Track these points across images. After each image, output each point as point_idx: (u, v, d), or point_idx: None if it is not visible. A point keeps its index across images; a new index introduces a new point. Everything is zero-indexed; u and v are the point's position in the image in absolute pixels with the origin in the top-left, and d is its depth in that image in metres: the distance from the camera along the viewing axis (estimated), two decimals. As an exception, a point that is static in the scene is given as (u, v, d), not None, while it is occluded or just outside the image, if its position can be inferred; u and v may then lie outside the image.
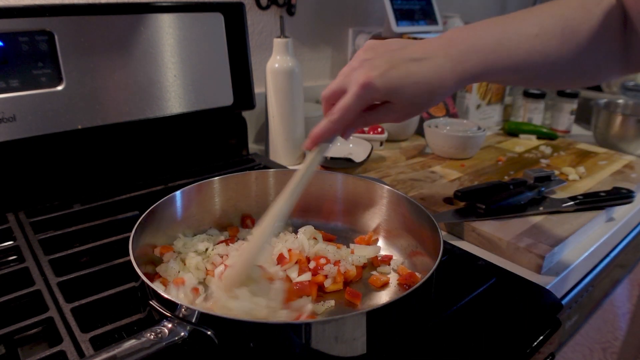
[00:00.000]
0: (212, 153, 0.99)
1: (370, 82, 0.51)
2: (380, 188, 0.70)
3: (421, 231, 0.63)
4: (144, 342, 0.42)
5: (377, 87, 0.51)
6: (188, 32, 0.87)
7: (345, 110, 0.53)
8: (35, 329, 0.52)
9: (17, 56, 0.71)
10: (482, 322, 0.56)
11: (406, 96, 0.53)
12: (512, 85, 0.63)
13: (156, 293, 0.46)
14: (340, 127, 0.55)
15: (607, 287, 1.05)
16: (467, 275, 0.64)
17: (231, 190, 0.73)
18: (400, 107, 0.54)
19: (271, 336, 0.44)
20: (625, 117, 1.21)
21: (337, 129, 0.55)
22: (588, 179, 0.99)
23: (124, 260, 0.62)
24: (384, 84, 0.51)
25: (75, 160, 0.82)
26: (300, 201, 0.75)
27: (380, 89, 0.52)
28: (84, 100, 0.78)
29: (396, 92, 0.52)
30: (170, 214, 0.66)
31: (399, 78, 0.52)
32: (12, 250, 0.66)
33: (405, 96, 0.53)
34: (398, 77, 0.52)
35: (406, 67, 0.52)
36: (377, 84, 0.51)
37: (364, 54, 0.54)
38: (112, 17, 0.79)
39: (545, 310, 0.58)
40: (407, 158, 1.09)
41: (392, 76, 0.51)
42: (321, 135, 0.56)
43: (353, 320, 0.44)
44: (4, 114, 0.71)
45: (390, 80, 0.51)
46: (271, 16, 1.16)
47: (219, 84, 0.93)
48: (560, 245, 0.72)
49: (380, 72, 0.51)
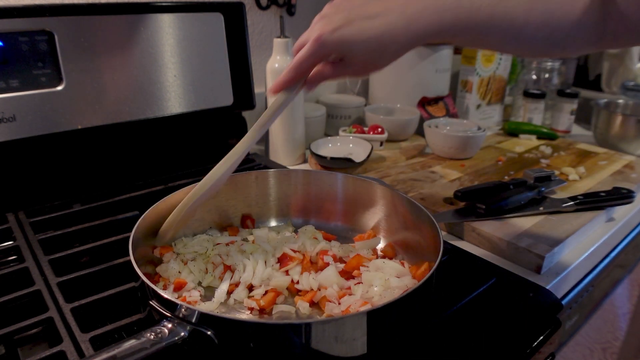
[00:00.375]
0: (212, 153, 0.99)
1: (321, 38, 0.53)
2: (380, 188, 0.70)
3: (421, 231, 0.63)
4: (144, 342, 0.42)
5: (327, 43, 0.53)
6: (188, 32, 0.87)
7: (300, 62, 0.56)
8: (35, 329, 0.52)
9: (17, 56, 0.71)
10: (482, 322, 0.56)
11: (358, 53, 0.54)
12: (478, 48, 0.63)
13: (156, 293, 0.46)
14: (296, 76, 0.57)
15: (607, 287, 1.05)
16: (467, 275, 0.64)
17: (231, 190, 0.73)
18: (354, 63, 0.56)
19: (271, 336, 0.44)
20: (625, 117, 1.21)
21: (294, 77, 0.57)
22: (588, 179, 0.99)
23: (124, 260, 0.62)
24: (335, 40, 0.53)
25: (75, 160, 0.82)
26: (300, 201, 0.75)
27: (330, 44, 0.53)
28: (84, 100, 0.78)
29: (347, 48, 0.54)
30: (170, 214, 0.66)
31: (351, 35, 0.53)
32: (12, 250, 0.66)
33: (356, 53, 0.54)
34: (350, 34, 0.53)
35: (359, 24, 0.53)
36: (328, 40, 0.53)
37: (328, 8, 0.56)
38: (112, 17, 0.79)
39: (545, 310, 0.58)
40: (407, 158, 1.09)
41: (344, 33, 0.53)
42: (279, 83, 0.58)
43: (353, 320, 0.44)
44: (4, 114, 0.71)
45: (342, 36, 0.53)
46: (271, 16, 1.16)
47: (219, 84, 0.93)
48: (560, 245, 0.72)
49: (333, 27, 0.53)
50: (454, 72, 1.37)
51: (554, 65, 1.40)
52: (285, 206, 0.76)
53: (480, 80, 1.30)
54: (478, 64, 1.28)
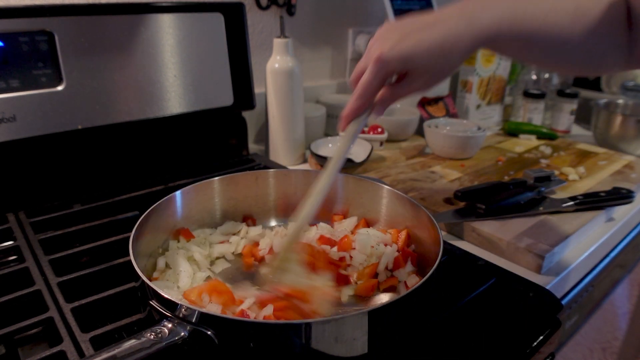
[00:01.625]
0: (212, 153, 0.99)
1: (381, 56, 0.53)
2: (380, 188, 0.70)
3: (421, 231, 0.63)
4: (144, 342, 0.42)
5: (389, 59, 0.53)
6: (188, 32, 0.87)
7: (365, 86, 0.56)
8: (35, 329, 0.52)
9: (17, 56, 0.71)
10: (482, 322, 0.56)
11: (421, 63, 0.54)
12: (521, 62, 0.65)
13: (156, 293, 0.46)
14: (364, 103, 0.57)
15: (607, 287, 1.05)
16: (467, 275, 0.64)
17: (231, 190, 0.73)
18: (419, 75, 0.56)
19: (271, 336, 0.44)
20: (625, 117, 1.21)
21: (362, 104, 0.58)
22: (588, 179, 0.99)
23: (124, 260, 0.62)
24: (396, 55, 0.53)
25: (75, 161, 0.82)
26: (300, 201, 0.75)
27: (392, 60, 0.53)
28: (84, 100, 0.78)
29: (410, 60, 0.53)
30: (170, 214, 0.66)
31: (412, 47, 0.53)
32: (12, 250, 0.66)
33: (420, 63, 0.54)
34: (410, 46, 0.53)
35: (418, 35, 0.53)
36: (388, 57, 0.53)
37: (380, 33, 0.56)
38: (112, 17, 0.79)
39: (545, 310, 0.58)
40: (407, 158, 1.09)
41: (404, 46, 0.53)
42: (349, 113, 0.59)
43: (353, 320, 0.44)
44: (4, 114, 0.71)
45: (402, 50, 0.53)
46: (271, 16, 1.16)
47: (219, 84, 0.93)
48: (560, 245, 0.72)
49: (391, 44, 0.53)
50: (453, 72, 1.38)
51: (554, 65, 1.40)
52: (285, 206, 0.76)
53: (480, 80, 1.30)
54: (478, 64, 1.28)
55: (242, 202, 0.74)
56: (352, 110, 0.58)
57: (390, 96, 0.58)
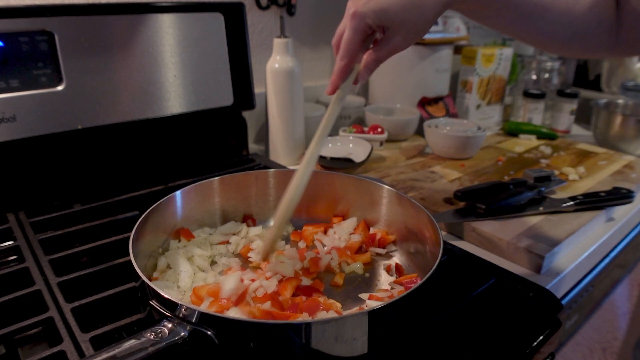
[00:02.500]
0: (212, 153, 0.99)
1: (356, 10, 0.54)
2: (380, 188, 0.70)
3: (421, 231, 0.63)
4: (144, 342, 0.42)
5: (364, 12, 0.53)
6: (188, 32, 0.87)
7: (346, 43, 0.56)
8: (35, 329, 0.52)
9: (17, 56, 0.71)
10: (482, 322, 0.56)
11: (396, 16, 0.54)
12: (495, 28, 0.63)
13: (156, 293, 0.46)
14: (349, 61, 0.57)
15: (607, 287, 1.05)
16: (467, 275, 0.64)
17: (231, 190, 0.73)
18: (396, 31, 0.55)
19: (271, 336, 0.44)
20: (625, 117, 1.21)
21: (346, 63, 0.57)
22: (588, 179, 0.99)
23: (124, 260, 0.62)
24: (371, 7, 0.53)
25: (75, 160, 0.82)
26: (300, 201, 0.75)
27: (367, 12, 0.53)
28: (84, 100, 0.78)
29: (384, 12, 0.53)
30: (170, 214, 0.66)
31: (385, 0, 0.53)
32: (12, 250, 0.66)
33: (395, 16, 0.54)
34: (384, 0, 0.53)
35: None
36: (363, 10, 0.53)
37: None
38: (112, 17, 0.79)
39: (545, 310, 0.58)
40: (407, 158, 1.09)
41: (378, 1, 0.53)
42: (336, 75, 0.58)
43: (353, 320, 0.44)
44: (4, 114, 0.71)
45: (376, 3, 0.53)
46: (271, 16, 1.16)
47: (219, 84, 0.93)
48: (560, 245, 0.72)
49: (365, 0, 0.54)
50: (454, 72, 1.37)
51: (554, 65, 1.40)
52: (285, 206, 0.76)
53: (480, 80, 1.30)
54: (478, 64, 1.28)
55: (242, 202, 0.74)
56: (339, 71, 0.58)
57: (373, 59, 0.58)
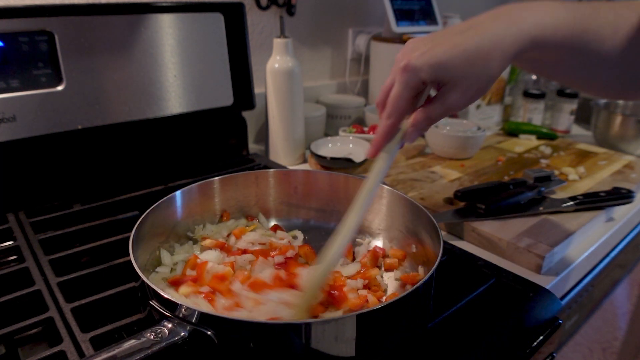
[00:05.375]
0: (212, 153, 0.99)
1: (409, 63, 0.48)
2: (380, 188, 0.70)
3: (421, 231, 0.63)
4: (144, 342, 0.42)
5: (418, 65, 0.48)
6: (188, 32, 0.87)
7: (394, 100, 0.50)
8: (35, 329, 0.52)
9: (17, 56, 0.71)
10: (482, 322, 0.56)
11: (455, 70, 0.48)
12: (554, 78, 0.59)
13: (156, 293, 0.46)
14: (395, 121, 0.52)
15: (607, 287, 1.05)
16: (467, 275, 0.64)
17: (231, 190, 0.73)
18: (454, 87, 0.49)
19: (271, 336, 0.44)
20: (625, 117, 1.21)
21: (393, 122, 0.52)
22: (588, 179, 0.99)
23: (124, 260, 0.62)
24: (426, 61, 0.48)
25: (75, 160, 0.82)
26: (300, 201, 0.75)
27: (422, 67, 0.48)
28: (84, 100, 0.78)
29: (442, 66, 0.48)
30: (170, 214, 0.66)
31: (444, 51, 0.47)
32: (12, 250, 0.66)
33: (454, 70, 0.48)
34: (442, 51, 0.47)
35: (450, 41, 0.48)
36: (417, 63, 0.48)
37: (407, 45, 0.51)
38: (112, 17, 0.79)
39: (545, 310, 0.58)
40: (407, 158, 1.09)
41: (435, 52, 0.48)
42: (381, 136, 0.53)
43: (353, 320, 0.44)
44: (4, 114, 0.71)
45: (433, 55, 0.47)
46: (271, 16, 1.16)
47: (219, 84, 0.93)
48: (560, 245, 0.72)
49: (421, 52, 0.48)
50: (454, 72, 1.37)
51: (554, 65, 1.40)
52: (285, 206, 0.76)
53: (480, 80, 1.30)
54: (478, 64, 1.27)
55: (242, 202, 0.74)
56: (384, 131, 0.52)
57: (424, 117, 0.51)
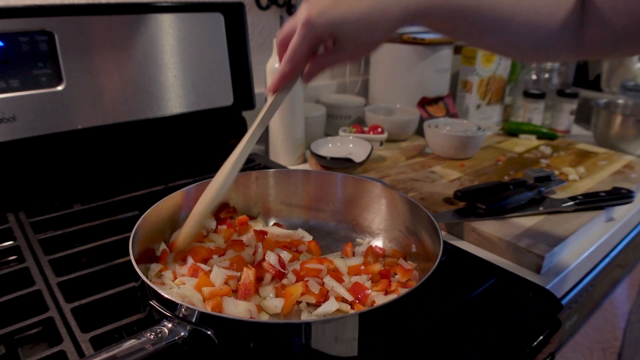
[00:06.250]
0: (212, 153, 0.99)
1: (309, 19, 0.52)
2: (380, 188, 0.70)
3: (421, 231, 0.63)
4: (144, 342, 0.42)
5: (317, 24, 0.52)
6: (188, 32, 0.87)
7: (294, 50, 0.54)
8: (35, 329, 0.52)
9: (17, 56, 0.71)
10: (482, 322, 0.56)
11: (349, 32, 0.53)
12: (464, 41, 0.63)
13: (156, 293, 0.46)
14: (294, 67, 0.56)
15: (607, 287, 1.05)
16: (467, 275, 0.64)
17: (231, 191, 0.73)
18: (345, 45, 0.54)
19: (271, 336, 0.44)
20: (625, 117, 1.21)
21: (291, 68, 0.56)
22: (588, 179, 0.99)
23: (124, 260, 0.62)
24: (324, 20, 0.52)
25: (75, 160, 0.82)
26: (300, 201, 0.75)
27: (320, 25, 0.52)
28: (84, 100, 0.78)
29: (338, 27, 0.52)
30: (171, 214, 0.66)
31: (340, 14, 0.52)
32: (12, 250, 0.66)
33: (347, 32, 0.53)
34: (339, 13, 0.52)
35: (348, 3, 0.52)
36: (316, 21, 0.52)
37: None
38: (112, 17, 0.79)
39: (545, 310, 0.58)
40: (407, 158, 1.09)
41: (333, 13, 0.52)
42: (279, 78, 0.57)
43: (353, 320, 0.44)
44: (4, 114, 0.71)
45: (331, 16, 0.52)
46: (271, 16, 1.16)
47: (219, 84, 0.93)
48: (560, 245, 0.72)
49: (321, 9, 0.52)
50: (454, 72, 1.38)
51: (554, 65, 1.41)
52: (285, 206, 0.76)
53: (480, 80, 1.30)
54: (478, 64, 1.28)
55: (242, 202, 0.74)
56: (282, 75, 0.56)
57: (320, 64, 0.57)
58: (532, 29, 0.55)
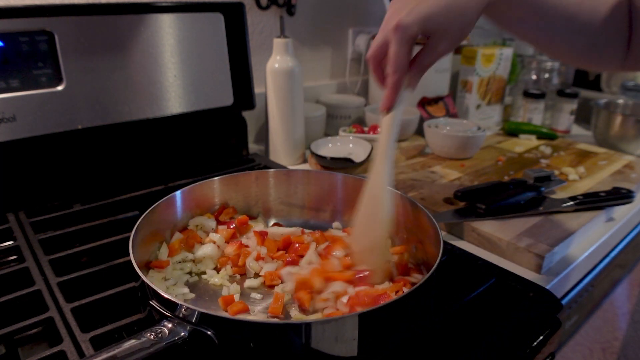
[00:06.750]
0: (212, 153, 0.99)
1: (400, 22, 0.53)
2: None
3: (421, 231, 0.63)
4: (144, 342, 0.42)
5: (409, 22, 0.53)
6: (188, 32, 0.87)
7: (396, 58, 0.55)
8: (35, 329, 0.52)
9: (17, 56, 0.71)
10: (482, 322, 0.56)
11: (441, 22, 0.54)
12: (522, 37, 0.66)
13: (156, 293, 0.46)
14: (401, 75, 0.57)
15: (607, 287, 1.05)
16: (467, 275, 0.64)
17: (231, 190, 0.73)
18: (440, 37, 0.56)
19: (271, 336, 0.44)
20: (625, 117, 1.21)
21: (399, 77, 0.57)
22: (588, 179, 0.99)
23: (124, 260, 0.62)
24: (414, 18, 0.53)
25: (75, 160, 0.82)
26: (300, 201, 0.75)
27: (412, 24, 0.53)
28: (84, 100, 0.78)
29: (429, 21, 0.54)
30: (170, 214, 0.66)
31: (428, 7, 0.54)
32: (12, 250, 0.66)
33: (440, 22, 0.54)
34: (427, 8, 0.54)
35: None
36: (407, 21, 0.53)
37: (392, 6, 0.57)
38: (112, 17, 0.79)
39: (545, 310, 0.58)
40: (407, 158, 1.09)
41: (421, 10, 0.54)
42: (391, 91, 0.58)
43: (353, 320, 0.44)
44: (4, 114, 0.71)
45: (420, 12, 0.54)
46: (271, 16, 1.16)
47: (219, 84, 0.93)
48: (560, 245, 0.72)
49: (408, 10, 0.54)
50: (454, 72, 1.37)
51: (554, 65, 1.40)
52: (285, 206, 0.76)
53: (480, 80, 1.30)
54: (478, 64, 1.28)
55: (242, 202, 0.74)
56: (393, 85, 0.57)
57: (419, 67, 0.58)
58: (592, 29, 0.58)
